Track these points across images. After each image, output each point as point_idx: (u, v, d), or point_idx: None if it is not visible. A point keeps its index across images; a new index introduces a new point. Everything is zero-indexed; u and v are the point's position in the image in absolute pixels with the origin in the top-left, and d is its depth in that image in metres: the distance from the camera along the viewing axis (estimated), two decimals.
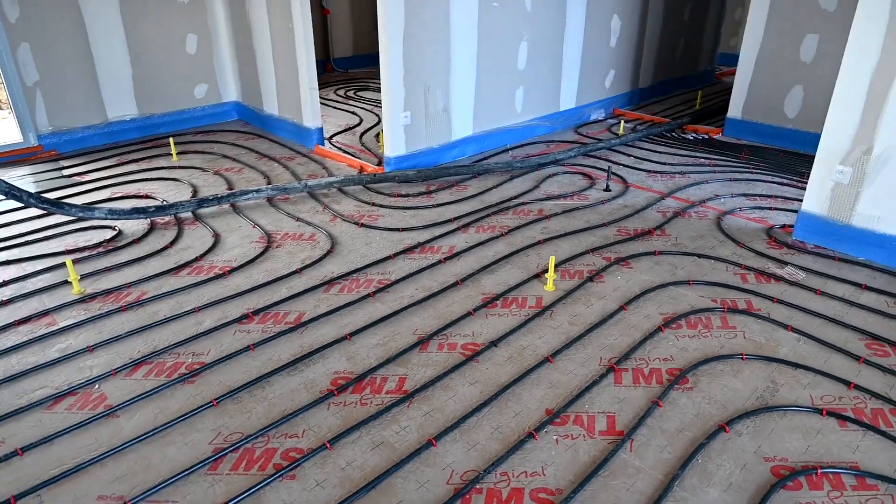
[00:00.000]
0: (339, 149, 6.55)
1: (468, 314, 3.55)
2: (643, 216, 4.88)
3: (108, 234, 4.53)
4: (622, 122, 7.12)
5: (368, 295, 3.74)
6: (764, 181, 5.59)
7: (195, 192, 5.30)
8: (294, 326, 3.42)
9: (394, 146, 5.57)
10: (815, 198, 4.30)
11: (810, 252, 4.28)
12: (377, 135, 7.07)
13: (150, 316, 3.53)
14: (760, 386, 2.98)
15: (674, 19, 8.33)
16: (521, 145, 6.67)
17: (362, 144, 6.74)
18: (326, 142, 6.73)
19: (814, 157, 6.19)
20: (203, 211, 4.93)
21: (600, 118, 7.78)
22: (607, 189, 5.38)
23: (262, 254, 4.24)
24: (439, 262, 4.14)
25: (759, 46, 6.39)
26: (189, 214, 4.86)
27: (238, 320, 3.48)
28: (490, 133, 6.41)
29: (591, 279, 3.92)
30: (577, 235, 4.54)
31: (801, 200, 5.10)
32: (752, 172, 5.81)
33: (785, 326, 3.42)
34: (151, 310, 3.60)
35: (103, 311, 3.57)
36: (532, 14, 6.21)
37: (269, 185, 5.14)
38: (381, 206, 5.07)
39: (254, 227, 4.65)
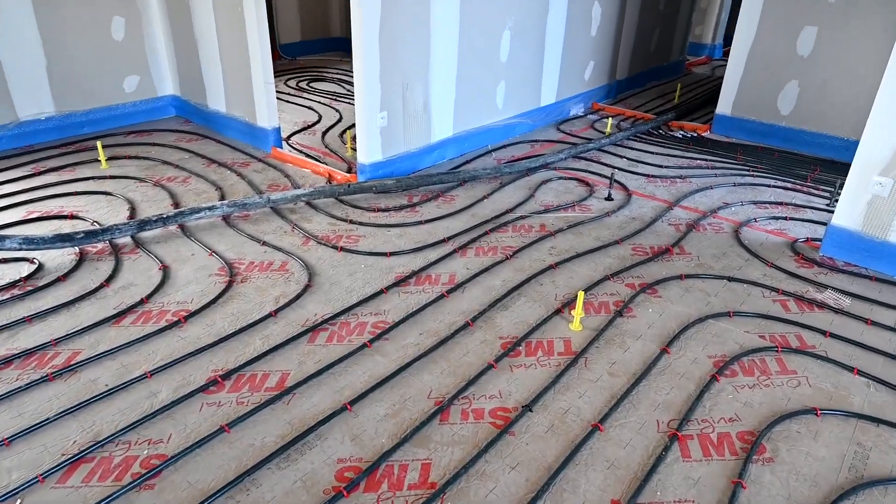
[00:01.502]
0: (300, 151, 5.77)
1: (489, 367, 2.95)
2: (655, 230, 4.40)
3: (25, 268, 3.65)
4: (609, 119, 6.64)
5: (364, 345, 3.07)
6: (768, 185, 5.23)
7: (133, 211, 4.44)
8: (277, 394, 2.73)
9: (369, 151, 4.86)
10: (848, 211, 3.93)
11: (843, 271, 3.92)
12: (342, 134, 6.31)
13: (87, 387, 2.75)
14: (847, 452, 2.54)
15: (650, 8, 7.90)
16: (504, 146, 6.08)
17: (326, 146, 5.98)
18: (285, 143, 5.93)
19: (809, 157, 5.99)
20: (145, 235, 4.10)
21: (580, 113, 7.29)
22: (609, 198, 4.87)
23: (224, 291, 3.49)
24: (441, 296, 3.52)
25: (752, 39, 6.02)
26: (128, 240, 4.02)
27: (204, 388, 2.76)
28: (471, 133, 5.79)
29: (619, 313, 3.39)
30: (591, 256, 4.02)
31: (814, 208, 4.80)
32: (752, 176, 5.45)
33: (850, 369, 3.00)
34: (88, 377, 2.82)
35: (22, 382, 2.76)
36: None
37: (225, 201, 4.35)
38: (360, 223, 4.38)
39: (210, 254, 3.87)
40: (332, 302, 3.44)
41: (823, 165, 5.68)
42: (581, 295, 3.22)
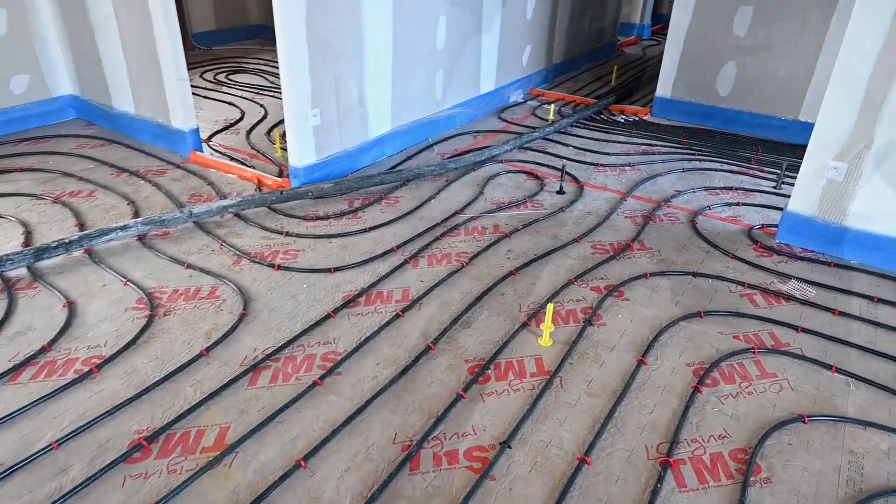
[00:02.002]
0: (223, 154, 5.23)
1: (458, 398, 2.65)
2: (613, 225, 4.22)
3: None
4: (552, 106, 6.42)
5: (314, 383, 2.70)
6: (716, 170, 5.17)
7: (28, 236, 3.83)
8: (217, 455, 2.33)
9: (301, 153, 4.42)
10: (804, 197, 3.86)
11: (802, 258, 3.86)
12: (269, 131, 5.79)
13: None
14: (842, 462, 2.41)
15: None
16: (446, 138, 5.75)
17: (252, 147, 5.45)
18: (205, 145, 5.37)
19: (750, 138, 5.98)
20: (45, 264, 3.53)
21: (520, 100, 7.04)
22: (561, 191, 4.65)
23: (144, 329, 3.01)
24: (396, 316, 3.18)
25: (688, 20, 5.93)
26: (23, 272, 3.45)
27: (126, 456, 2.32)
28: (411, 127, 5.42)
29: (589, 322, 3.17)
30: (551, 258, 3.78)
31: (762, 192, 4.78)
32: (699, 160, 5.38)
33: (828, 367, 2.90)
34: None
35: None
36: None
37: (140, 218, 3.82)
38: (298, 235, 3.96)
39: (125, 284, 3.37)
40: (273, 332, 3.04)
41: (764, 146, 5.68)
42: (550, 308, 2.96)
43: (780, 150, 5.58)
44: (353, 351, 2.91)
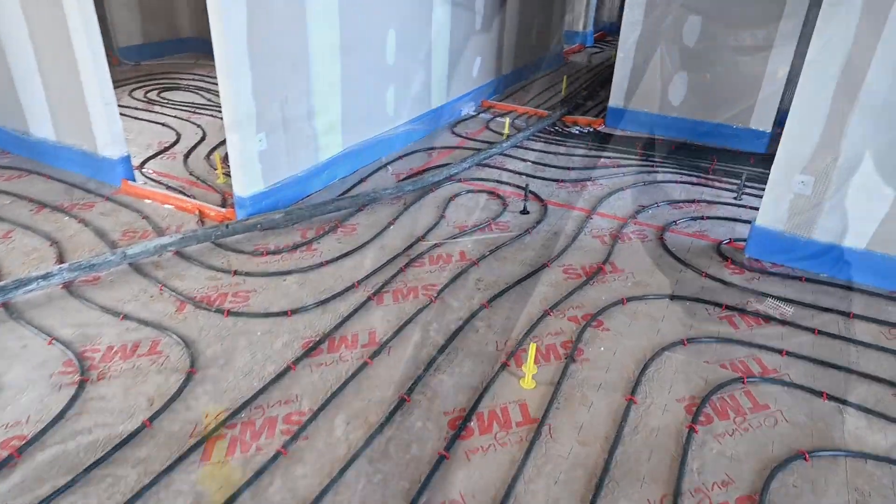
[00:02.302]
0: (159, 182, 4.79)
1: (441, 459, 2.40)
2: (581, 246, 4.06)
3: None
4: (507, 119, 6.26)
5: (278, 453, 2.39)
6: (676, 182, 5.12)
7: None
8: None
9: (247, 182, 4.06)
10: (772, 211, 3.80)
11: (773, 273, 3.80)
12: (208, 155, 5.38)
13: None
14: (850, 502, 2.29)
15: None
16: (400, 157, 5.49)
17: (190, 173, 5.03)
18: (138, 173, 4.91)
19: (703, 147, 5.98)
20: None
21: (472, 113, 6.86)
22: (525, 211, 4.47)
23: (74, 398, 2.62)
24: (364, 364, 2.90)
25: (639, 30, 5.89)
26: None
27: None
28: (363, 146, 5.13)
29: (572, 359, 2.98)
30: (523, 287, 3.57)
31: (724, 203, 4.75)
32: (657, 172, 5.32)
33: (818, 394, 2.81)
34: None
35: None
36: None
37: (66, 263, 3.38)
38: (247, 273, 3.61)
39: (50, 342, 2.94)
40: (227, 393, 2.70)
41: (718, 155, 5.69)
42: (532, 348, 2.75)
43: (735, 158, 5.61)
44: (320, 409, 2.61)
